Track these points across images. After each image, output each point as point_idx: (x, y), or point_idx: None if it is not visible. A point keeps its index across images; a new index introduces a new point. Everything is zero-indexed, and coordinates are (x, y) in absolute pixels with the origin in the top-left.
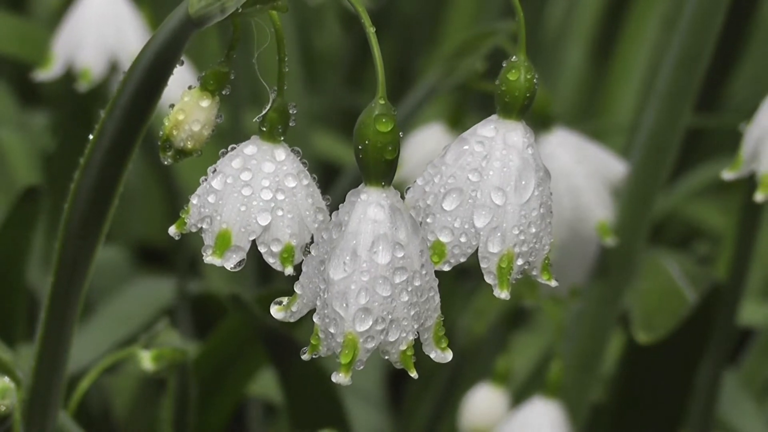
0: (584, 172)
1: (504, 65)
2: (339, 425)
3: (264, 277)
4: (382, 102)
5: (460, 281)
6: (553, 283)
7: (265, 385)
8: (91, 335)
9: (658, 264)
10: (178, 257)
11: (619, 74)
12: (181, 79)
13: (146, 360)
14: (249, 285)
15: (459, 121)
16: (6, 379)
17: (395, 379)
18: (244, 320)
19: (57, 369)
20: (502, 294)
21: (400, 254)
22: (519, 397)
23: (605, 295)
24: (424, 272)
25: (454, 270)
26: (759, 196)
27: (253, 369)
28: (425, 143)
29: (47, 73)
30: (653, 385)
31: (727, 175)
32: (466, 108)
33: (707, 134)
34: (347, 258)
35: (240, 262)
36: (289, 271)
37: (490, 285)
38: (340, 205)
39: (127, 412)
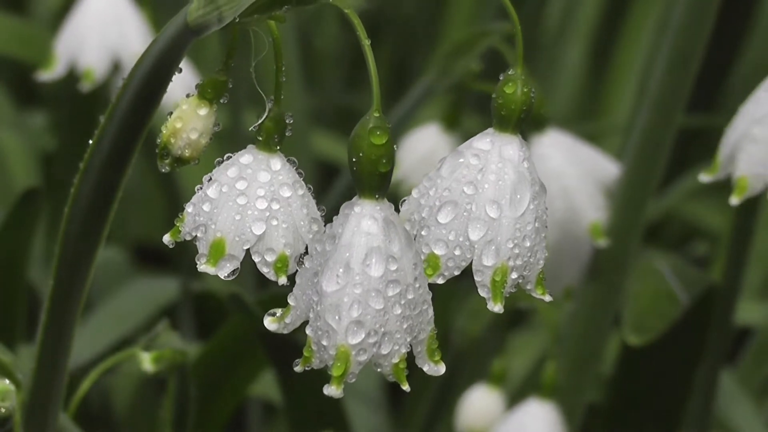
0: (577, 173)
1: (501, 78)
2: (339, 425)
3: (264, 281)
4: (376, 114)
5: (458, 282)
6: (548, 298)
7: (265, 385)
8: (92, 333)
9: (651, 266)
10: (180, 258)
11: (618, 75)
12: (185, 82)
13: (146, 361)
14: (248, 287)
15: (455, 121)
16: (6, 381)
17: None
18: (244, 320)
19: (57, 371)
20: (496, 307)
21: (393, 267)
22: (517, 397)
23: (600, 297)
24: (417, 285)
25: None
26: (734, 200)
27: (254, 371)
28: (421, 144)
29: (50, 73)
30: (650, 386)
31: (705, 177)
32: (463, 108)
33: (705, 134)
34: (340, 270)
35: (234, 271)
36: (282, 280)
37: None
38: (334, 217)
39: (127, 413)
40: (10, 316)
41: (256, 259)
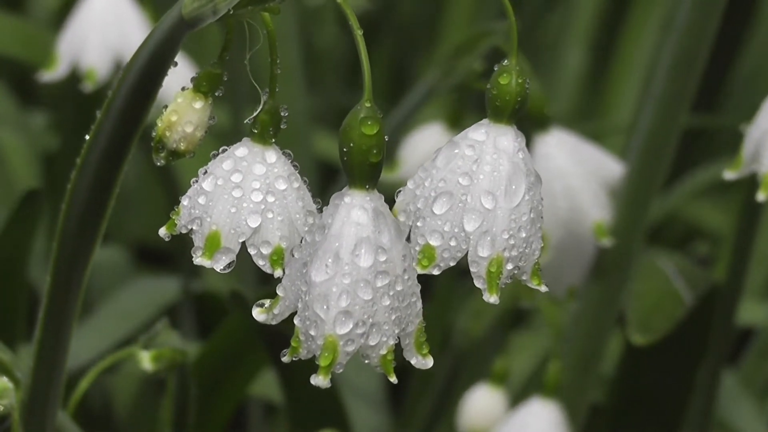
0: (581, 172)
1: (496, 69)
2: (339, 425)
3: (265, 277)
4: (368, 105)
5: (459, 281)
6: (543, 288)
7: (265, 385)
8: (93, 333)
9: (655, 265)
10: (181, 258)
11: (620, 75)
12: (182, 76)
13: (146, 360)
14: (249, 285)
15: (458, 120)
16: (5, 379)
17: None
18: (244, 318)
19: (56, 369)
20: (491, 298)
21: (382, 258)
22: (519, 397)
23: (603, 296)
24: (406, 277)
25: (453, 270)
26: (761, 196)
27: (254, 370)
28: (424, 143)
29: (52, 73)
30: (653, 386)
31: (728, 175)
32: (465, 108)
33: (708, 134)
34: (329, 260)
35: (230, 263)
36: (278, 273)
37: None
38: (324, 208)
39: (127, 412)
40: (11, 315)
41: (251, 251)
